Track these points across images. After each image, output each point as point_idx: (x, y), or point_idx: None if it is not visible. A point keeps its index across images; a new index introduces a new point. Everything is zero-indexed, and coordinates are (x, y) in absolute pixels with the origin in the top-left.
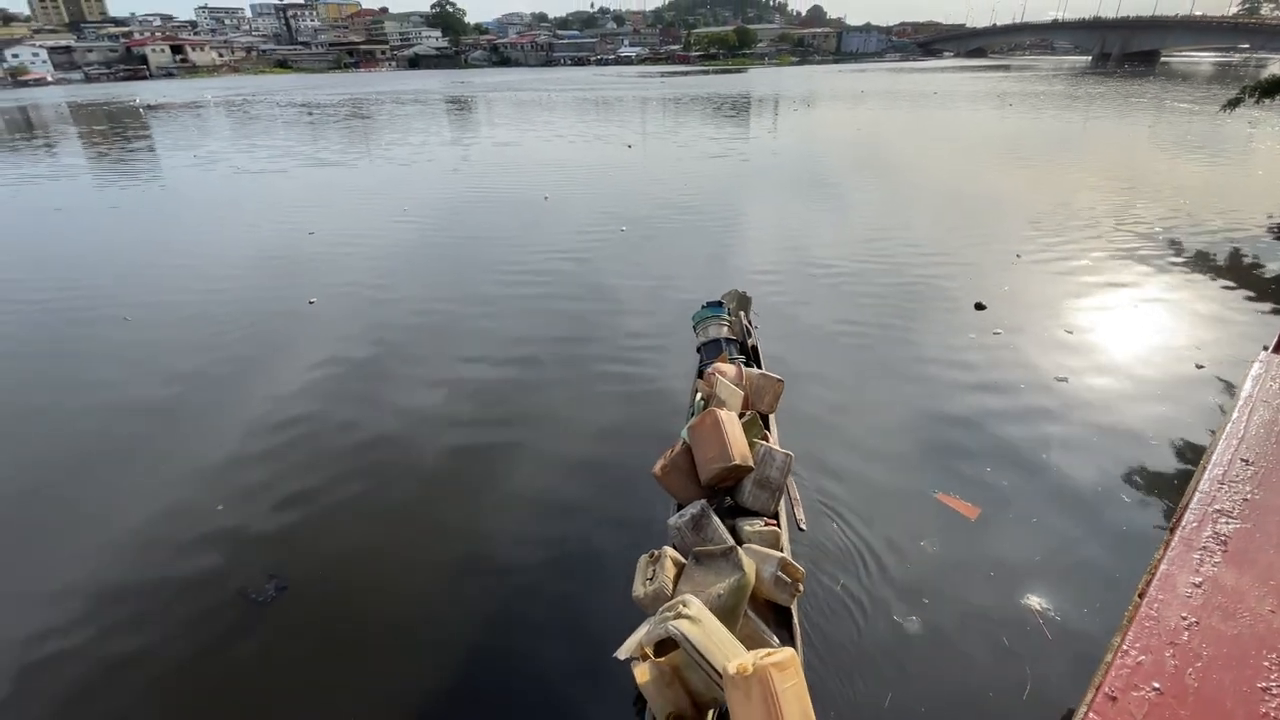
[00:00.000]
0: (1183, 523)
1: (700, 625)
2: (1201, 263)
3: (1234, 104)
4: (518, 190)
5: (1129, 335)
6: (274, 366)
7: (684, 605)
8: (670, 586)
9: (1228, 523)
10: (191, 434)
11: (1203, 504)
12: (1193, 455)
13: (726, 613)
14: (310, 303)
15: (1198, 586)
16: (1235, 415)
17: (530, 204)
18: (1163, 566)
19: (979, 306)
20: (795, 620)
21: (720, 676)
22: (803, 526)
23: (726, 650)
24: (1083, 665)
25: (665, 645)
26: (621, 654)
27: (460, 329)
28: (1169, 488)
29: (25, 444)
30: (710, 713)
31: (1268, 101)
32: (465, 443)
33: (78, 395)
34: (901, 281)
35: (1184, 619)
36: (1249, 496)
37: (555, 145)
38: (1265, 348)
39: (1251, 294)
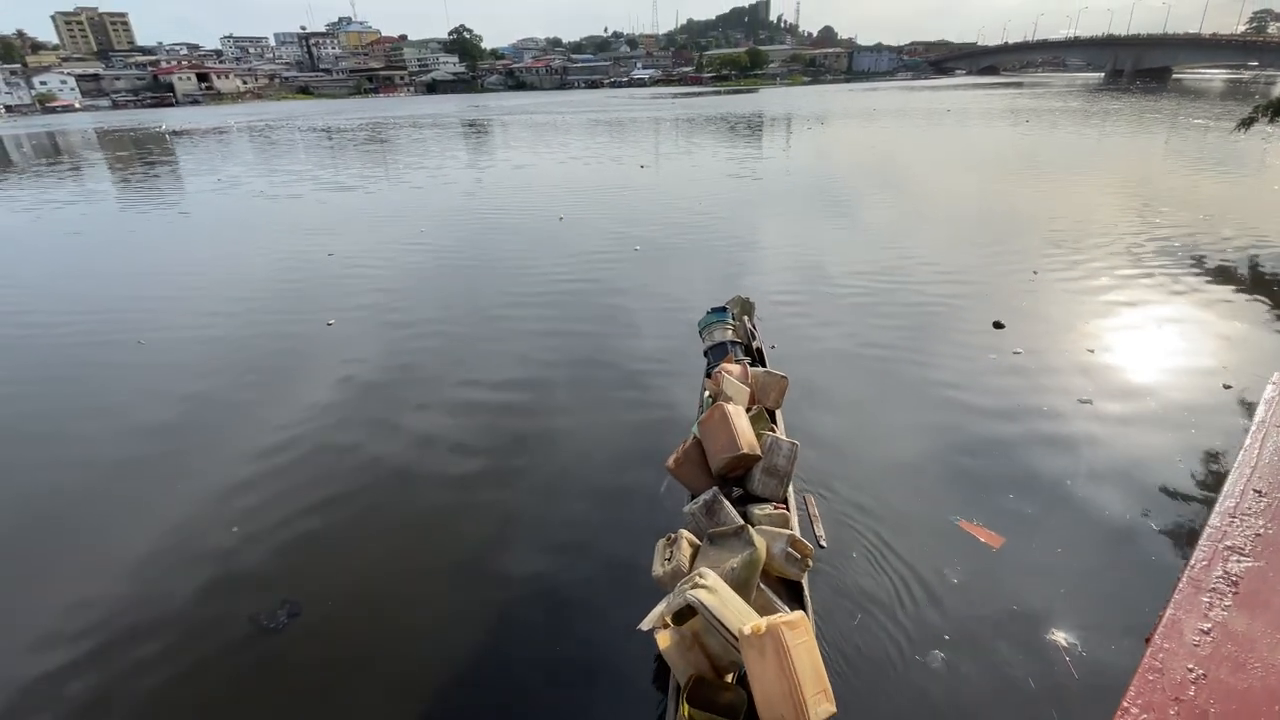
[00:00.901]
0: (1191, 561)
1: (717, 594)
2: (1223, 278)
3: (1248, 123)
4: (533, 211)
5: (1152, 354)
6: (291, 388)
7: (701, 577)
8: (687, 565)
9: (1239, 561)
10: (207, 457)
11: (1212, 540)
12: (1220, 482)
13: (740, 585)
14: (329, 324)
15: (1206, 634)
16: (1248, 442)
17: (546, 225)
18: (1169, 611)
19: (998, 325)
20: (806, 594)
21: (737, 640)
22: (823, 544)
23: (742, 617)
24: (1111, 708)
25: (684, 614)
26: (644, 625)
27: (476, 351)
28: (1198, 517)
29: (38, 468)
30: (730, 676)
31: None
32: (478, 467)
33: (86, 420)
34: (919, 300)
35: (1190, 671)
36: (1262, 531)
37: (570, 167)
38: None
39: (1277, 310)
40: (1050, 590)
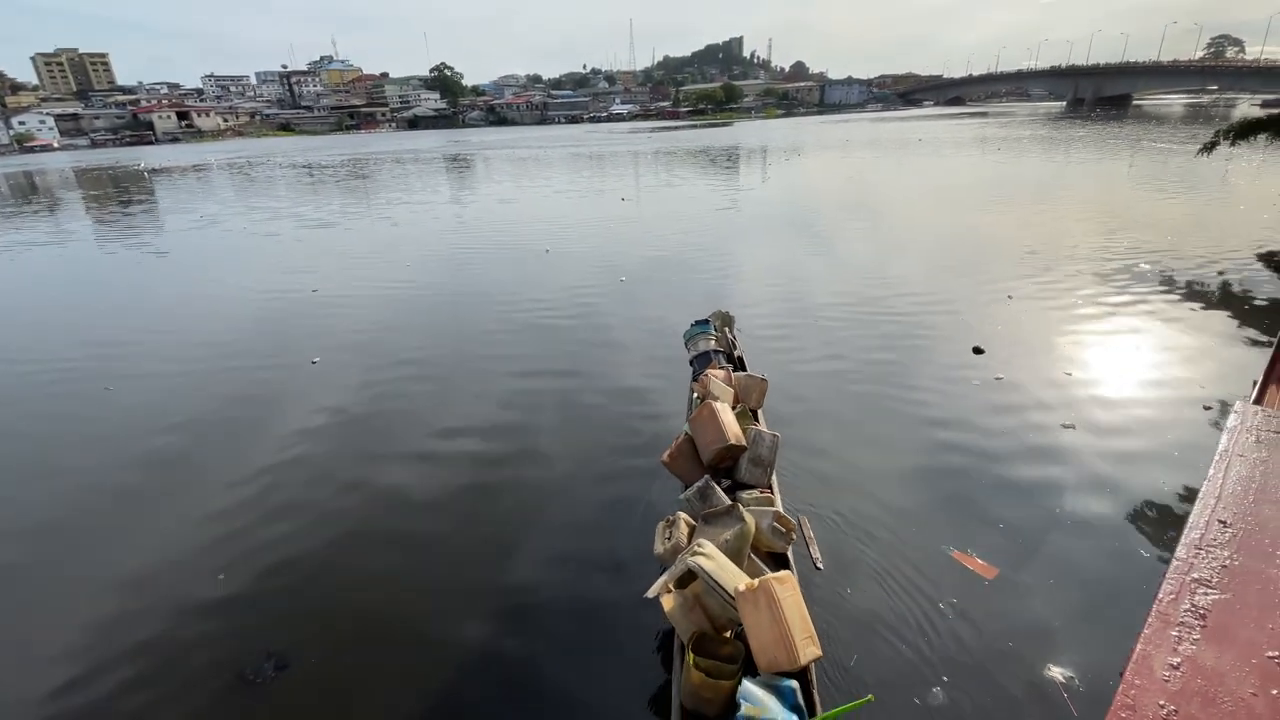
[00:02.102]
0: (1159, 595)
1: (714, 560)
2: (1194, 297)
3: (1210, 148)
4: (519, 244)
5: (1130, 376)
6: (275, 430)
7: (699, 547)
8: (685, 542)
9: (1206, 593)
10: (186, 501)
11: (1179, 573)
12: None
13: (733, 554)
14: (313, 362)
15: (1176, 669)
16: (1211, 472)
17: (532, 257)
18: (1139, 646)
19: (977, 350)
20: (791, 563)
21: (733, 598)
22: (819, 566)
23: (736, 579)
24: None
25: (685, 579)
26: (650, 594)
27: (465, 388)
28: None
29: (14, 511)
30: (727, 633)
31: (1242, 143)
32: (466, 508)
33: (51, 474)
34: (900, 327)
35: (1161, 707)
36: (1227, 563)
37: (553, 200)
38: (1244, 397)
39: (1248, 327)
40: (1045, 623)
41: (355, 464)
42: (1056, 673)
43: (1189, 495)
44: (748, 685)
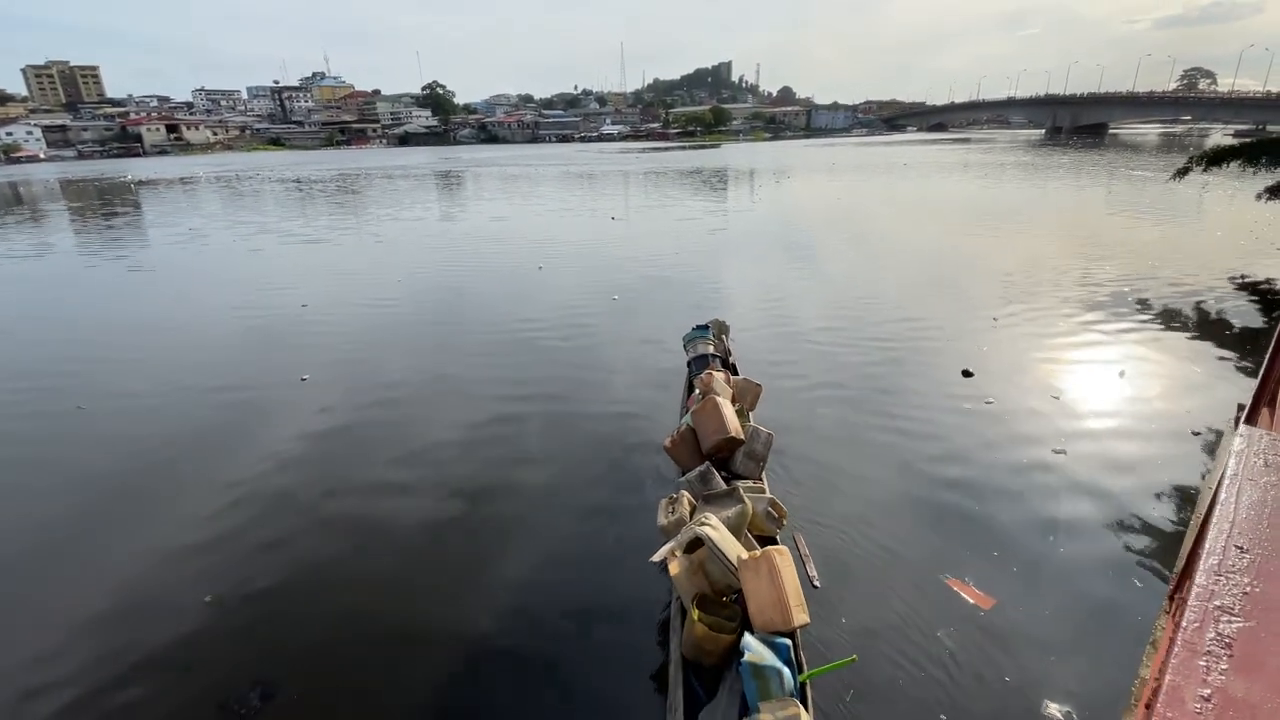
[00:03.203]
0: (1184, 623)
1: (719, 532)
2: (1174, 321)
3: (1183, 173)
4: (511, 262)
5: (1116, 399)
6: (261, 448)
7: (705, 519)
8: (688, 517)
9: (1230, 621)
10: (166, 522)
11: (1202, 600)
12: (1198, 535)
13: (733, 530)
14: (302, 379)
15: (1207, 700)
16: (1223, 497)
17: (525, 275)
18: (1169, 678)
19: (966, 374)
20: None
21: (735, 567)
22: (816, 584)
23: (736, 550)
24: None
25: (692, 546)
26: (656, 558)
27: (456, 407)
28: (1180, 571)
29: None
30: (725, 597)
31: (1215, 170)
32: (455, 534)
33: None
34: (890, 348)
35: None
36: (1249, 589)
37: (545, 219)
38: (1238, 419)
39: (1227, 351)
40: (1042, 655)
41: (343, 485)
42: (1055, 709)
43: (1180, 520)
44: (749, 638)
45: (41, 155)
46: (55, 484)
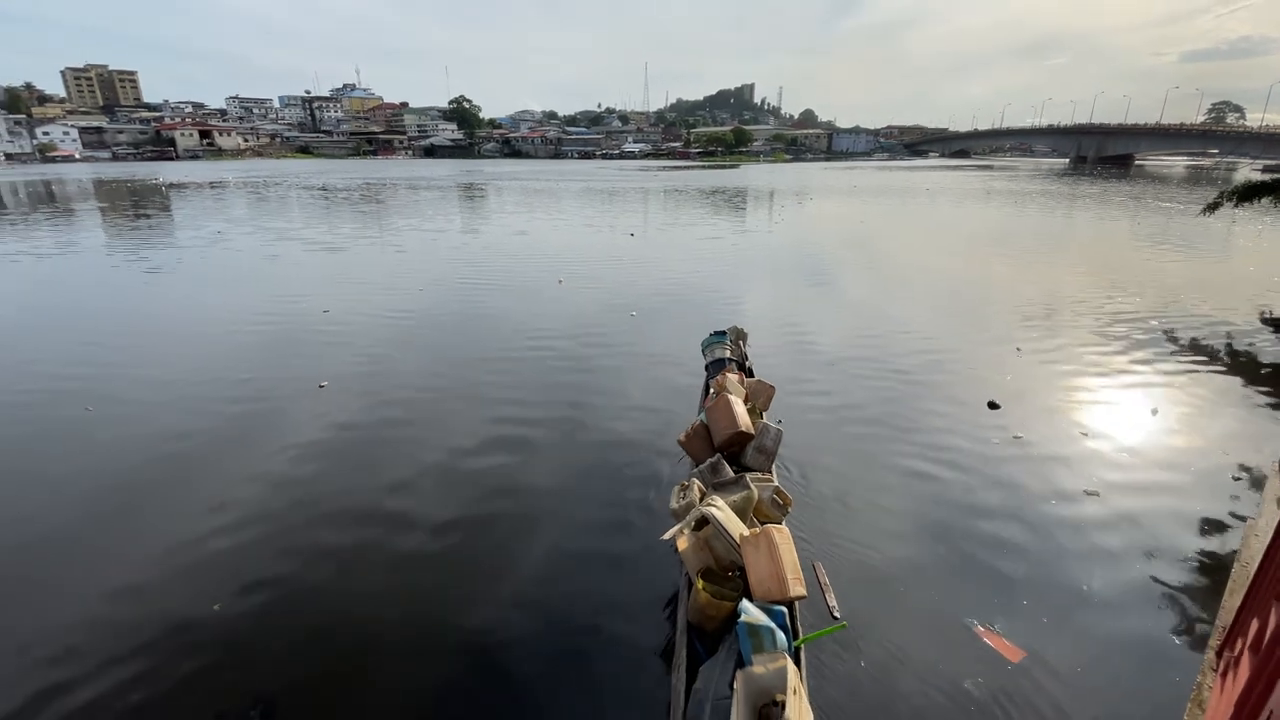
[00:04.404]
0: (1237, 685)
1: (724, 513)
2: (1206, 356)
3: (1213, 208)
4: (532, 276)
5: (1150, 437)
6: (277, 455)
7: (712, 501)
8: (698, 501)
9: None
10: (177, 526)
11: (1259, 664)
12: (1242, 583)
13: (738, 513)
14: (321, 386)
15: None
16: (1273, 550)
17: (545, 289)
18: None
19: (993, 406)
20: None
21: (738, 544)
22: (836, 615)
23: (740, 529)
24: None
25: (700, 524)
26: (666, 536)
27: (472, 416)
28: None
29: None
30: (728, 573)
31: (1245, 205)
32: (473, 551)
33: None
34: (914, 376)
35: None
36: None
37: (565, 234)
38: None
39: (1263, 388)
40: (1075, 716)
41: (357, 496)
42: None
43: (1220, 568)
44: (747, 603)
45: (76, 155)
46: (63, 487)
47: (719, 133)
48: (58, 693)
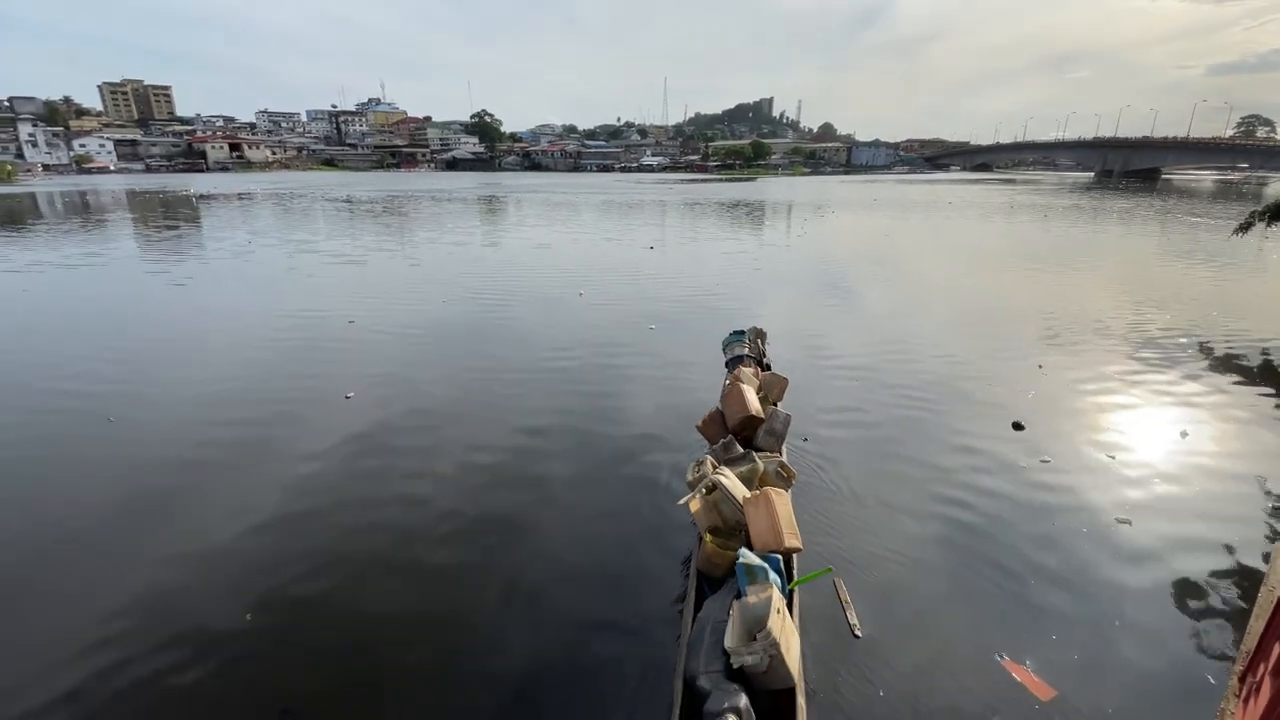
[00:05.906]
0: (1259, 711)
1: (731, 480)
2: (1237, 376)
3: (1246, 228)
4: (553, 288)
5: (1181, 461)
6: (301, 465)
7: (721, 471)
8: (710, 473)
9: None
10: (206, 535)
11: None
12: None
13: (745, 483)
14: (347, 397)
15: None
16: None
17: (565, 301)
18: None
19: (1017, 426)
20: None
21: (741, 506)
22: (858, 633)
23: (745, 494)
24: None
25: (710, 490)
26: (681, 502)
27: (494, 425)
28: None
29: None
30: (736, 531)
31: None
32: (502, 566)
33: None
34: (933, 394)
35: None
36: None
37: (585, 247)
38: None
39: None
40: None
41: (379, 507)
42: None
43: (1256, 597)
44: (745, 550)
45: (111, 167)
46: (84, 495)
47: (737, 146)
48: (85, 691)
